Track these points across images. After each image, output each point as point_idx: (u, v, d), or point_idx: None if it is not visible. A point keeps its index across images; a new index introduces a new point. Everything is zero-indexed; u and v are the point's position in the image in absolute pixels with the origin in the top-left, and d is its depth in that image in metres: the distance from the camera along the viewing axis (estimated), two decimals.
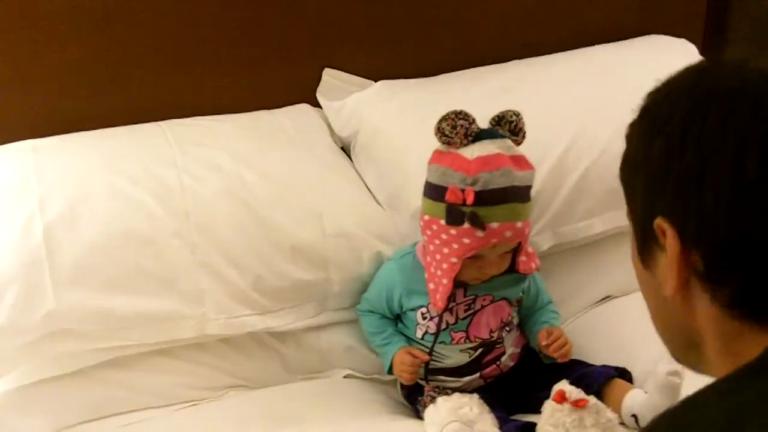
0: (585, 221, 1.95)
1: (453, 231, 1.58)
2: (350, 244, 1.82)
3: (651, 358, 1.68)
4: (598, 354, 1.77)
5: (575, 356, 1.76)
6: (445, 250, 1.60)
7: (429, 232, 1.63)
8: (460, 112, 1.58)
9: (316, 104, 2.16)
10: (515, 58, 2.22)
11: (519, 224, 1.59)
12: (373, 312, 1.78)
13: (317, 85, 2.16)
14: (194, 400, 1.74)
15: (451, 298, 1.65)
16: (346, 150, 2.11)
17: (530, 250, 1.71)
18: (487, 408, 1.54)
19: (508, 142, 1.60)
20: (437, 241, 1.62)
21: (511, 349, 1.76)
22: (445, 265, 1.61)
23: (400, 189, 1.92)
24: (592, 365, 1.71)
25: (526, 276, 1.72)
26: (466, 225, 1.56)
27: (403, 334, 1.77)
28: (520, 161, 1.60)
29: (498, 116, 1.62)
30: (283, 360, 1.82)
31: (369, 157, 2.03)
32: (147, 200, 1.74)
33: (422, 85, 2.13)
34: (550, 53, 2.24)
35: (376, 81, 2.15)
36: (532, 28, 2.32)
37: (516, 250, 1.66)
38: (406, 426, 1.63)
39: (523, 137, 1.64)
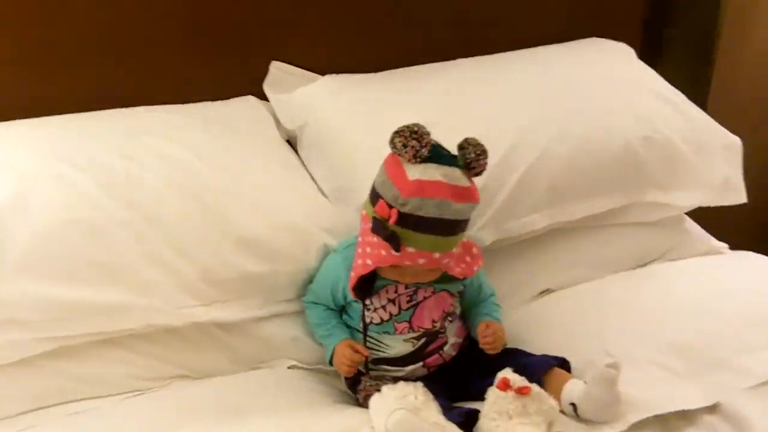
0: (527, 217, 1.99)
1: (375, 238, 1.60)
2: (298, 236, 1.82)
3: (589, 349, 1.75)
4: (538, 345, 1.80)
5: (516, 346, 1.80)
6: (368, 249, 1.63)
7: (362, 225, 1.67)
8: (415, 131, 1.57)
9: (263, 97, 2.17)
10: (462, 56, 2.26)
11: (436, 255, 1.59)
12: (317, 303, 1.80)
13: (264, 78, 2.17)
14: (139, 390, 1.73)
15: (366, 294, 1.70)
16: (291, 143, 2.12)
17: (475, 251, 1.72)
18: (431, 396, 1.56)
19: (457, 172, 1.59)
20: (365, 237, 1.64)
21: (453, 338, 1.78)
22: (360, 261, 1.65)
23: (347, 182, 1.93)
24: (533, 355, 1.74)
25: None
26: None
27: (348, 326, 1.78)
28: (462, 193, 1.58)
29: (463, 143, 1.62)
30: (228, 350, 1.81)
31: (316, 150, 2.05)
32: (93, 189, 1.72)
33: (369, 81, 2.16)
34: (497, 52, 2.28)
35: (324, 75, 2.16)
36: (481, 28, 2.36)
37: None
38: (349, 415, 1.63)
39: (477, 173, 1.63)
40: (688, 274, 2.09)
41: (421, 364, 1.77)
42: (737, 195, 2.18)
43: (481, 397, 1.59)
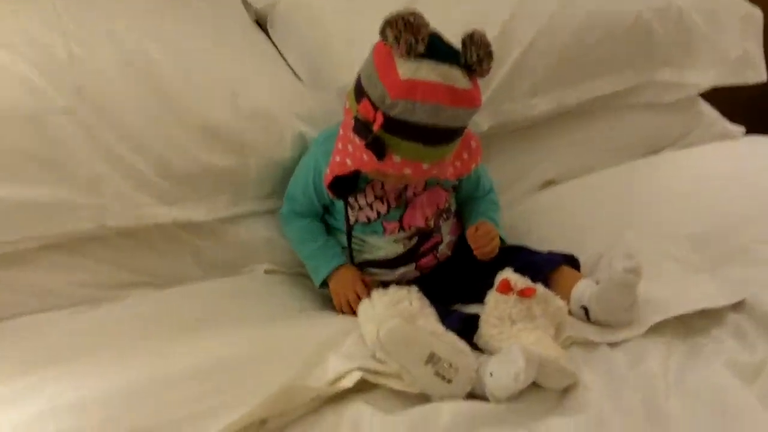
0: (527, 100, 1.80)
1: (357, 140, 1.38)
2: (269, 124, 1.62)
3: (598, 243, 1.62)
4: (542, 240, 1.64)
5: (519, 242, 1.64)
6: (349, 148, 1.42)
7: (345, 118, 1.45)
8: (410, 22, 1.32)
9: None
10: None
11: (425, 166, 1.38)
12: (299, 215, 1.60)
13: None
14: (95, 300, 1.54)
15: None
16: (261, 25, 1.89)
17: (474, 144, 1.52)
18: (427, 301, 1.38)
19: (456, 71, 1.35)
20: (347, 133, 1.42)
21: (448, 237, 1.60)
22: (338, 158, 1.44)
23: (325, 63, 1.73)
24: (537, 252, 1.58)
25: None
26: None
27: (331, 227, 1.60)
28: (461, 97, 1.35)
29: (466, 40, 1.37)
30: (196, 255, 1.62)
31: (289, 29, 1.83)
32: (30, 72, 1.50)
33: None
34: None
35: None
36: None
37: None
38: (334, 323, 1.47)
39: (483, 72, 1.39)
40: (702, 161, 1.93)
41: (413, 266, 1.58)
42: (756, 72, 2.00)
43: (480, 300, 1.43)
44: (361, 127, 1.36)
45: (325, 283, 1.57)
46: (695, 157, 1.92)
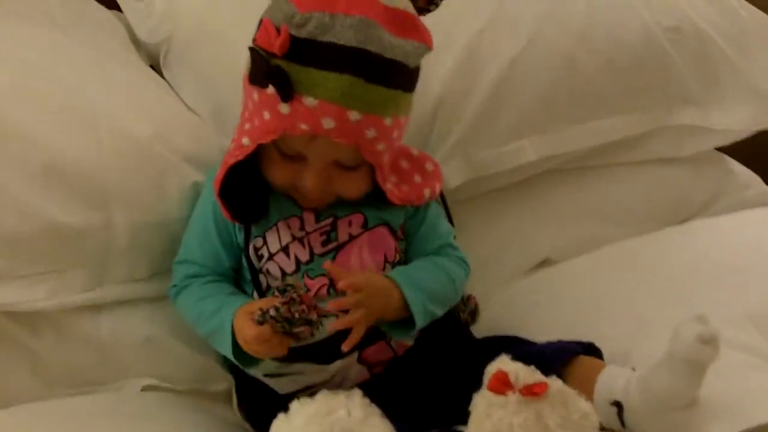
0: (511, 144, 1.34)
1: (255, 95, 1.01)
2: (147, 167, 1.14)
3: (621, 336, 1.16)
4: (541, 335, 1.15)
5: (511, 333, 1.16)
6: (246, 126, 1.03)
7: (243, 96, 1.06)
8: None
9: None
10: None
11: (353, 115, 0.97)
12: (197, 276, 1.10)
13: None
14: None
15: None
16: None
17: (430, 168, 1.14)
18: (377, 410, 0.89)
19: None
20: (246, 112, 1.05)
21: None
22: (232, 145, 1.05)
23: (232, 98, 1.24)
24: (542, 342, 1.10)
25: None
26: (271, 89, 0.98)
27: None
28: (403, 21, 1.00)
29: None
30: (34, 362, 1.10)
31: (186, 63, 1.40)
32: None
33: None
34: None
35: None
36: None
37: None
38: None
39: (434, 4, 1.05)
40: (743, 229, 1.43)
41: (355, 357, 1.08)
42: None
43: (464, 418, 0.94)
44: (257, 62, 0.98)
45: (248, 358, 1.03)
46: (736, 224, 1.45)
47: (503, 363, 0.93)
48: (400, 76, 1.00)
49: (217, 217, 1.07)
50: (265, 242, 1.06)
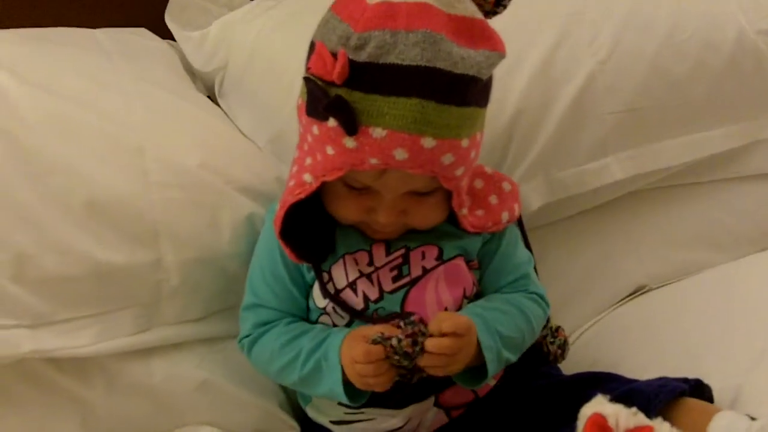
0: (594, 162, 1.23)
1: (315, 129, 0.90)
2: (196, 199, 1.05)
3: (736, 370, 1.03)
4: (639, 370, 1.04)
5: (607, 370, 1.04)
6: (307, 161, 0.93)
7: (301, 129, 0.96)
8: None
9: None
10: None
11: (427, 142, 0.86)
12: (272, 321, 1.00)
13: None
14: None
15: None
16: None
17: (508, 187, 1.02)
18: None
19: None
20: (306, 146, 0.94)
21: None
22: (292, 182, 0.94)
23: (288, 125, 1.17)
24: (639, 380, 0.97)
25: None
26: (332, 121, 0.87)
27: None
28: (470, 29, 0.89)
29: None
30: (84, 413, 1.01)
31: (242, 92, 1.33)
32: None
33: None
34: None
35: None
36: None
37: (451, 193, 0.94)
38: None
39: (501, 6, 0.94)
40: None
41: (432, 400, 0.97)
42: None
43: None
44: (315, 92, 0.87)
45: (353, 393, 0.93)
46: None
47: (600, 405, 0.82)
48: (474, 92, 0.89)
49: (285, 258, 0.98)
50: (330, 278, 0.97)
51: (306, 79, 0.89)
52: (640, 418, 0.80)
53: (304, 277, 0.99)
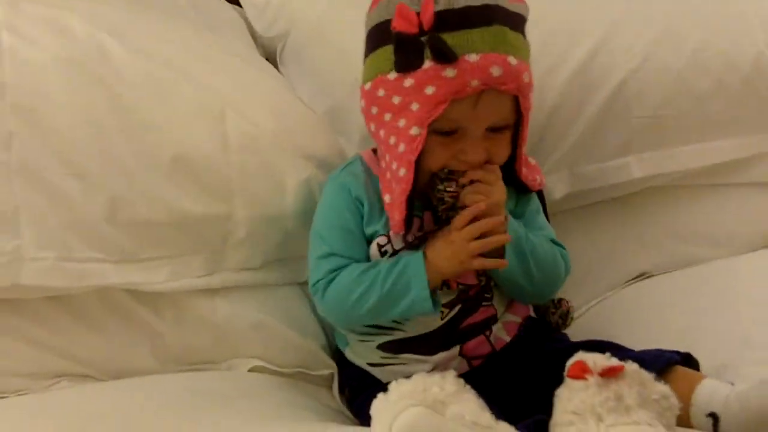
0: (616, 160, 1.37)
1: (408, 82, 1.02)
2: (267, 162, 1.20)
3: (724, 352, 1.16)
4: (637, 343, 1.16)
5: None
6: (401, 123, 1.04)
7: (376, 109, 1.07)
8: None
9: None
10: None
11: (512, 60, 1.02)
12: (345, 266, 1.10)
13: None
14: (5, 393, 1.10)
15: (410, 223, 1.07)
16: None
17: (533, 161, 1.17)
18: (469, 388, 0.91)
19: None
20: (388, 115, 1.05)
21: (507, 315, 1.14)
22: (402, 147, 1.03)
23: (347, 101, 1.33)
24: (639, 350, 1.10)
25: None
26: (428, 63, 1.00)
27: None
28: None
29: None
30: (154, 339, 1.17)
31: (303, 62, 1.46)
32: None
33: None
34: None
35: None
36: None
37: (517, 137, 1.08)
38: None
39: None
40: None
41: (457, 350, 1.12)
42: None
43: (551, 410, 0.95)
44: (408, 45, 1.01)
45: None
46: None
47: (581, 355, 0.96)
48: (524, 26, 1.07)
49: (356, 216, 1.11)
50: (389, 240, 1.10)
51: (397, 35, 1.01)
52: (614, 360, 0.94)
53: (364, 233, 1.11)
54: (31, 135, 1.10)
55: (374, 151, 1.15)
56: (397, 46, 1.02)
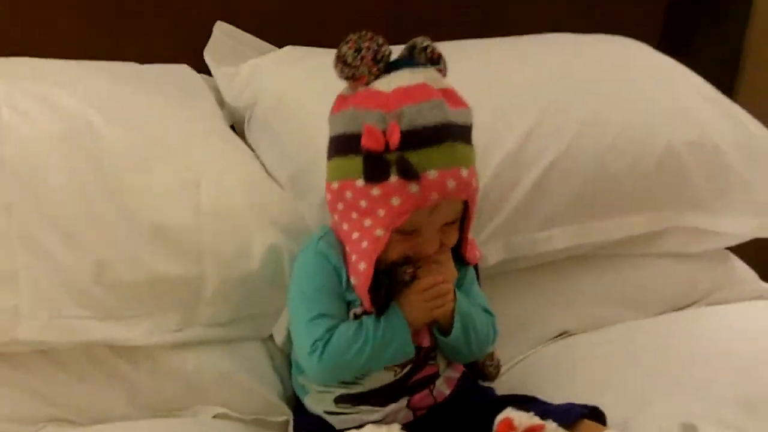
0: (543, 231, 1.53)
1: (375, 191, 1.14)
2: (235, 228, 1.33)
3: (625, 406, 1.33)
4: (556, 398, 1.33)
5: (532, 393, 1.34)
6: (367, 222, 1.16)
7: (342, 206, 1.19)
8: (365, 34, 1.18)
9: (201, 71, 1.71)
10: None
11: (464, 172, 1.16)
12: (337, 326, 1.22)
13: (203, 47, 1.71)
14: None
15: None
16: (235, 131, 1.64)
17: (471, 237, 1.31)
18: None
19: (433, 72, 1.20)
20: (354, 214, 1.17)
21: (447, 371, 1.30)
22: (365, 243, 1.16)
23: (308, 168, 1.46)
24: (551, 403, 1.28)
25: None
26: (394, 178, 1.13)
27: None
28: (452, 96, 1.20)
29: (409, 45, 1.23)
30: (128, 387, 1.29)
31: (268, 131, 1.58)
32: None
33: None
34: None
35: (279, 47, 1.72)
36: (482, 27, 1.92)
37: (463, 225, 1.24)
38: None
39: (446, 68, 1.25)
40: (740, 320, 1.63)
41: (405, 401, 1.27)
42: None
43: None
44: (376, 163, 1.13)
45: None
46: (733, 314, 1.64)
47: (508, 412, 1.13)
48: (469, 134, 1.20)
49: (337, 281, 1.22)
50: (364, 311, 1.21)
51: (366, 154, 1.13)
52: (536, 420, 1.11)
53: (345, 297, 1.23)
54: (28, 204, 1.21)
55: None
56: (366, 162, 1.14)
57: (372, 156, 1.13)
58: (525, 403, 1.26)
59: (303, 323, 1.22)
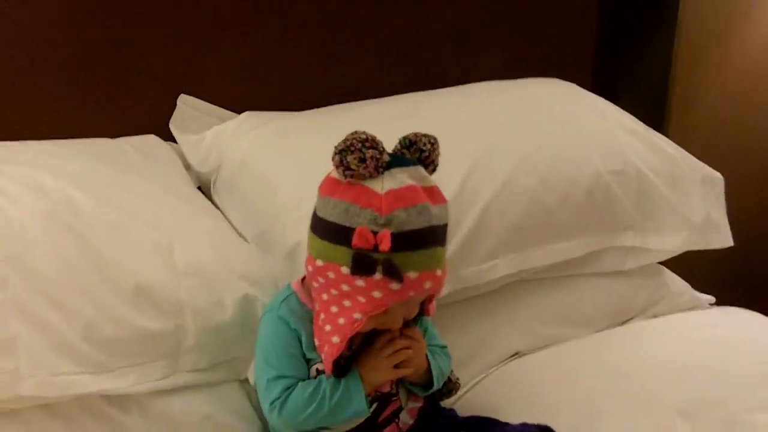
0: (488, 263, 1.68)
1: (359, 282, 1.25)
2: (209, 284, 1.48)
3: (578, 418, 1.50)
4: (513, 416, 1.48)
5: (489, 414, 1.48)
6: (346, 303, 1.28)
7: (322, 280, 1.29)
8: (366, 139, 1.26)
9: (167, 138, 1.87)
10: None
11: (439, 272, 1.28)
12: (294, 386, 1.35)
13: (168, 118, 1.87)
14: None
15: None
16: (203, 191, 1.80)
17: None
18: None
19: (421, 170, 1.30)
20: (334, 291, 1.29)
21: (409, 403, 1.44)
22: (342, 320, 1.29)
23: (271, 225, 1.62)
24: (508, 423, 1.43)
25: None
26: (378, 276, 1.24)
27: None
28: (434, 194, 1.30)
29: (409, 140, 1.33)
30: None
31: (233, 192, 1.73)
32: None
33: (298, 116, 1.87)
34: None
35: (238, 113, 1.86)
36: (422, 70, 2.12)
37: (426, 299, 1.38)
38: None
39: (433, 170, 1.35)
40: (676, 330, 1.81)
41: None
42: (721, 237, 1.90)
43: None
44: (365, 261, 1.22)
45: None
46: (668, 326, 1.80)
47: None
48: (445, 233, 1.31)
49: (297, 343, 1.34)
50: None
51: (356, 253, 1.22)
52: None
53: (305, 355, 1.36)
54: (20, 278, 1.35)
55: (302, 279, 1.41)
56: (356, 259, 1.23)
57: (362, 255, 1.23)
58: (484, 425, 1.41)
59: (263, 383, 1.35)
